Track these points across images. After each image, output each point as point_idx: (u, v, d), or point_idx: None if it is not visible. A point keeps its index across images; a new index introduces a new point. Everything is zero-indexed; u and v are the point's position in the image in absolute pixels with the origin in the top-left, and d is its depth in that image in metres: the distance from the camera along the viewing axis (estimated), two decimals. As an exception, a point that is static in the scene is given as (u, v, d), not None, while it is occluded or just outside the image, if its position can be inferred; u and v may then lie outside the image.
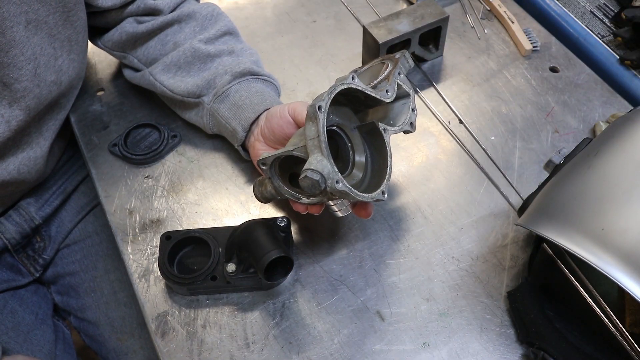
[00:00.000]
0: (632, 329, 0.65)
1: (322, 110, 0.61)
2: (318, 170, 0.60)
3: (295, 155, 0.66)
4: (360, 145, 0.72)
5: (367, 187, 0.70)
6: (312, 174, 0.60)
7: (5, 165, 0.80)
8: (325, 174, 0.60)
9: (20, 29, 0.71)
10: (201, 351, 0.70)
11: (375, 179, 0.70)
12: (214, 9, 0.90)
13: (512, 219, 0.81)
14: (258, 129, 0.79)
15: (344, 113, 0.72)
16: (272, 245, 0.69)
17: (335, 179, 0.61)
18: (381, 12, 1.08)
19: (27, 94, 0.75)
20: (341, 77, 0.65)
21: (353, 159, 0.71)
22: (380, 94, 0.68)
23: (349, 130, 0.71)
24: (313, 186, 0.61)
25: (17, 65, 0.72)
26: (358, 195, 0.63)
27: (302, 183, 0.61)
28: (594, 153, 0.63)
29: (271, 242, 0.69)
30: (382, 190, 0.66)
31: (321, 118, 0.61)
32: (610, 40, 1.03)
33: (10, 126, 0.76)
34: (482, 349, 0.69)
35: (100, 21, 0.89)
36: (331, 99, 0.62)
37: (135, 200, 0.84)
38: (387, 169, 0.68)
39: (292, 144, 0.67)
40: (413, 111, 0.74)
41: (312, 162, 0.61)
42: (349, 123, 0.72)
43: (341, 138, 0.71)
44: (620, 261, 0.54)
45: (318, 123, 0.61)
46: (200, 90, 0.83)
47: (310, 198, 0.69)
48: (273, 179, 0.69)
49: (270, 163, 0.68)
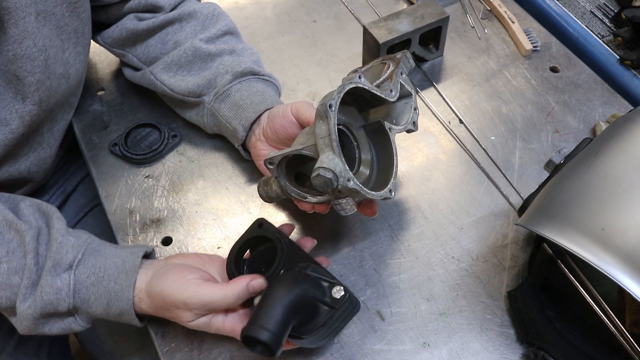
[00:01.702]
0: (632, 329, 0.65)
1: (333, 108, 0.61)
2: (330, 169, 0.60)
3: (304, 154, 0.66)
4: (366, 144, 0.72)
5: (374, 186, 0.70)
6: (324, 172, 0.60)
7: (17, 166, 0.81)
8: (338, 172, 0.60)
9: (31, 19, 0.71)
10: (201, 351, 0.70)
11: (381, 178, 0.70)
12: (215, 8, 0.90)
13: (512, 219, 0.81)
14: (259, 128, 0.79)
15: (350, 112, 0.72)
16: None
17: (347, 177, 0.61)
18: (381, 12, 1.08)
19: (39, 87, 0.75)
20: (348, 77, 0.66)
21: (359, 158, 0.71)
22: (385, 93, 0.68)
23: (355, 129, 0.72)
24: (325, 184, 0.61)
25: (30, 57, 0.72)
26: (368, 193, 0.63)
27: (314, 181, 0.61)
28: (594, 153, 0.63)
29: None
30: (389, 189, 0.67)
31: (332, 116, 0.61)
32: (610, 40, 1.03)
33: (24, 122, 0.76)
34: (482, 349, 0.69)
35: (101, 16, 0.89)
36: (340, 98, 0.62)
37: (136, 200, 0.84)
38: (393, 167, 0.69)
39: (300, 143, 0.67)
40: (415, 110, 0.74)
41: (324, 160, 0.61)
42: (354, 122, 0.72)
43: (347, 137, 0.71)
44: (620, 261, 0.54)
45: (329, 121, 0.61)
46: (200, 90, 0.83)
47: (316, 197, 0.69)
48: (280, 178, 0.69)
49: (277, 162, 0.68)
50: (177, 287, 0.64)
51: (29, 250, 0.66)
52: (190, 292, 0.63)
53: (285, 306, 0.59)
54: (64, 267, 0.66)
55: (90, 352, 0.99)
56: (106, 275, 0.67)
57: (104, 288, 0.66)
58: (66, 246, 0.67)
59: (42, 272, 0.65)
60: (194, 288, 0.64)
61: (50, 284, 0.65)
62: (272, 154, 0.68)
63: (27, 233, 0.66)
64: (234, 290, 0.63)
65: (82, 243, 0.68)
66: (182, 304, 0.63)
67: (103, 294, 0.66)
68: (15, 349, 0.90)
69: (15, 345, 0.90)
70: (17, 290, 0.65)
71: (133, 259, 0.68)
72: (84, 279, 0.66)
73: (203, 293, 0.63)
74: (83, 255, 0.67)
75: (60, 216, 0.71)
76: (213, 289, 0.64)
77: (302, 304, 0.61)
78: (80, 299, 0.66)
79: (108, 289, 0.66)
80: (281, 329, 0.58)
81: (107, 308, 0.67)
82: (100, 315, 0.68)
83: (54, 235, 0.67)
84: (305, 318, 0.62)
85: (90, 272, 0.67)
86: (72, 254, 0.67)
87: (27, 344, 0.92)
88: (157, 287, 0.65)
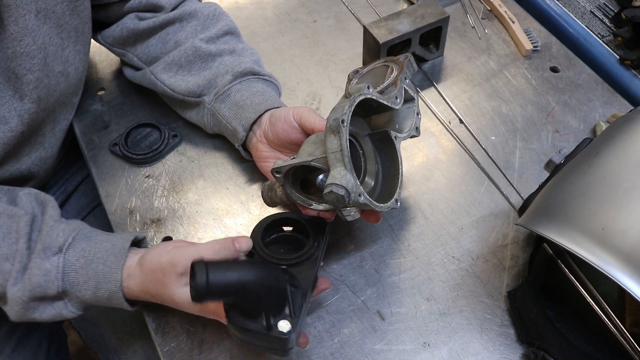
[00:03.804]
0: (632, 329, 0.65)
1: (345, 124, 0.61)
2: (343, 185, 0.61)
3: (313, 165, 0.66)
4: (371, 153, 0.72)
5: (379, 195, 0.71)
6: (337, 189, 0.61)
7: (19, 165, 0.81)
8: (350, 188, 0.61)
9: (31, 17, 0.71)
10: (201, 351, 0.70)
11: (386, 187, 0.71)
12: (216, 8, 0.90)
13: (513, 219, 0.81)
14: (260, 130, 0.79)
15: (356, 121, 0.72)
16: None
17: (358, 192, 0.62)
18: (382, 12, 1.08)
19: (38, 85, 0.75)
20: (356, 87, 0.66)
21: (365, 167, 0.72)
22: (391, 101, 0.69)
23: (361, 138, 0.72)
24: (338, 201, 0.61)
25: (30, 55, 0.72)
26: (377, 206, 0.64)
27: (326, 197, 0.62)
28: (595, 153, 0.63)
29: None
30: (395, 199, 0.67)
31: (344, 132, 0.61)
32: (610, 40, 1.03)
33: (23, 120, 0.76)
34: (483, 349, 0.69)
35: (102, 15, 0.89)
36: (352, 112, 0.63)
37: (136, 200, 0.84)
38: (399, 177, 0.69)
39: (307, 153, 0.68)
40: (418, 115, 0.75)
41: (337, 176, 0.61)
42: (360, 131, 0.73)
43: (353, 146, 0.71)
44: (621, 261, 0.54)
45: (341, 137, 0.61)
46: (201, 90, 0.83)
47: (322, 205, 0.69)
48: (286, 186, 0.70)
49: (285, 172, 0.69)
50: (166, 251, 0.65)
51: (22, 234, 0.66)
52: (177, 251, 0.64)
53: (243, 281, 0.56)
54: (53, 251, 0.66)
55: (94, 349, 0.99)
56: (95, 258, 0.67)
57: (93, 270, 0.66)
58: (57, 230, 0.67)
59: (32, 255, 0.66)
60: (182, 249, 0.64)
61: (39, 266, 0.65)
62: (279, 162, 0.69)
63: (22, 219, 0.67)
64: (220, 241, 0.64)
65: (74, 229, 0.69)
66: (169, 264, 0.63)
67: (92, 276, 0.66)
68: (14, 350, 0.90)
69: (14, 346, 0.90)
70: (7, 277, 0.65)
71: (123, 243, 0.68)
72: (73, 262, 0.66)
73: (189, 249, 0.64)
74: (74, 239, 0.68)
75: (55, 205, 0.71)
76: (199, 245, 0.65)
77: (252, 296, 0.57)
78: (69, 282, 0.66)
79: (97, 271, 0.66)
80: (218, 288, 0.55)
81: (95, 291, 0.67)
82: (90, 299, 0.68)
83: (46, 221, 0.68)
84: (244, 308, 0.59)
85: (80, 255, 0.67)
86: (62, 237, 0.67)
87: (25, 346, 0.92)
88: (146, 257, 0.66)
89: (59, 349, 0.99)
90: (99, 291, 0.67)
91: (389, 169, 0.72)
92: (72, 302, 0.68)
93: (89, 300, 0.68)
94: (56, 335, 1.00)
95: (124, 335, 0.95)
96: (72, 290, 0.67)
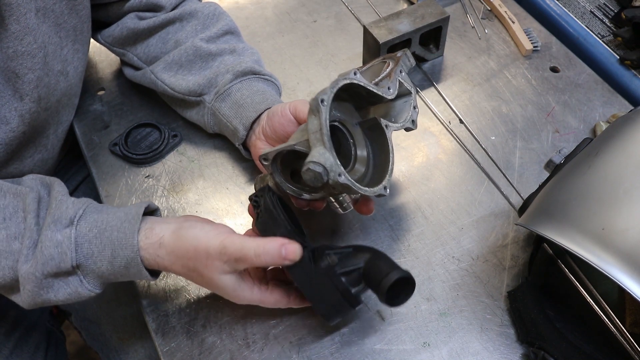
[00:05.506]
0: (632, 329, 0.65)
1: (325, 103, 0.61)
2: (320, 163, 0.60)
3: (297, 149, 0.65)
4: (362, 141, 0.72)
5: (370, 183, 0.70)
6: (314, 166, 0.60)
7: (21, 167, 0.81)
8: (328, 166, 0.60)
9: (32, 16, 0.71)
10: (201, 351, 0.70)
11: (377, 175, 0.70)
12: (216, 8, 0.90)
13: (513, 219, 0.81)
14: (259, 127, 0.79)
15: (346, 109, 0.72)
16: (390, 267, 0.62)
17: (338, 172, 0.60)
18: (382, 12, 1.09)
19: (38, 84, 0.75)
20: (343, 73, 0.65)
21: (355, 155, 0.71)
22: (382, 90, 0.68)
23: (351, 126, 0.72)
24: (315, 179, 0.60)
25: (31, 54, 0.72)
26: (360, 189, 0.63)
27: (304, 176, 0.61)
28: (595, 153, 0.63)
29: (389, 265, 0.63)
30: (384, 185, 0.66)
31: (324, 111, 0.60)
32: (610, 40, 1.03)
33: (24, 120, 0.75)
34: (483, 349, 0.69)
35: (102, 15, 0.89)
36: (334, 94, 0.62)
37: (136, 200, 0.84)
38: (389, 165, 0.68)
39: (294, 139, 0.67)
40: (414, 109, 0.74)
41: (315, 154, 0.60)
42: (350, 119, 0.72)
43: (343, 134, 0.71)
44: (621, 261, 0.54)
45: (320, 116, 0.60)
46: (201, 89, 0.83)
47: (312, 194, 0.69)
48: (275, 174, 0.69)
49: (272, 158, 0.68)
50: (214, 235, 0.63)
51: (29, 210, 0.63)
52: (227, 237, 0.62)
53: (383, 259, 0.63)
54: (64, 223, 0.63)
55: (95, 349, 0.99)
56: (109, 227, 0.64)
57: (107, 239, 0.64)
58: (66, 203, 0.65)
59: (42, 229, 0.63)
60: (231, 235, 0.63)
61: (50, 238, 0.62)
62: (266, 150, 0.68)
63: (27, 195, 0.64)
64: (268, 243, 0.61)
65: (84, 202, 0.67)
66: (217, 251, 0.61)
67: (107, 244, 0.63)
68: (12, 352, 0.89)
69: (12, 348, 0.90)
70: (17, 257, 0.63)
71: (136, 209, 0.66)
72: (86, 232, 0.64)
73: (238, 240, 0.62)
74: (84, 211, 0.65)
75: (62, 184, 0.69)
76: (246, 238, 0.62)
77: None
78: (83, 254, 0.63)
79: (111, 238, 0.64)
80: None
81: (111, 260, 0.64)
82: (107, 271, 0.65)
83: (54, 196, 0.65)
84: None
85: (92, 226, 0.64)
86: (72, 210, 0.64)
87: (23, 347, 0.92)
88: (189, 234, 0.63)
89: (57, 350, 0.99)
90: (115, 260, 0.64)
91: (380, 158, 0.71)
92: (88, 277, 0.65)
93: (106, 272, 0.65)
94: (54, 337, 1.00)
95: (125, 335, 0.95)
96: (86, 263, 0.64)
